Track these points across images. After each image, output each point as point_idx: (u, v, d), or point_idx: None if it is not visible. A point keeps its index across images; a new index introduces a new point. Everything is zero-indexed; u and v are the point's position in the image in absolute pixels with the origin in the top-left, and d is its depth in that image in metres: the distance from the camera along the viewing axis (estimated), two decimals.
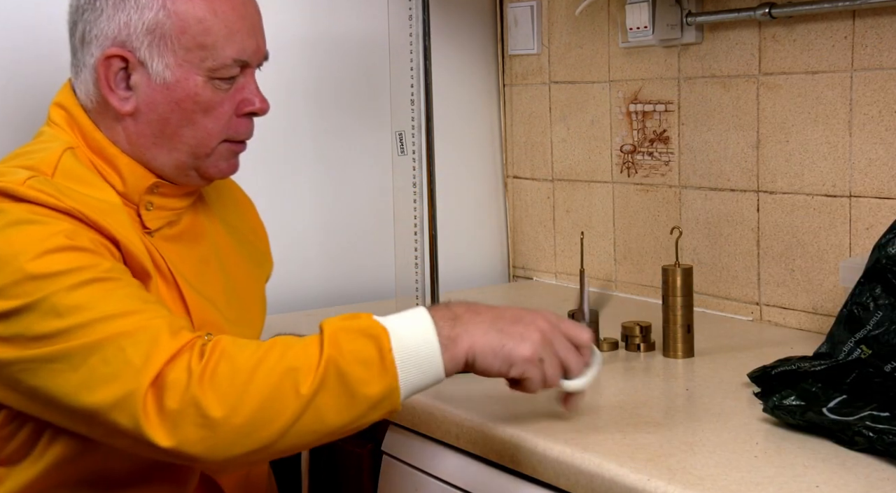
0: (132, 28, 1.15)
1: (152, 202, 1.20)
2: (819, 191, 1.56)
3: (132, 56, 1.15)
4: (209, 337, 1.02)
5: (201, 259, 1.25)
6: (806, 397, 1.14)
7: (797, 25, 1.56)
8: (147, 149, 1.19)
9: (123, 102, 1.17)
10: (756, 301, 1.67)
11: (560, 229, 2.01)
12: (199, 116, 1.18)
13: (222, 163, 1.23)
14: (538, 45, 1.99)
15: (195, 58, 1.16)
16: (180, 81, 1.17)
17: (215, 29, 1.17)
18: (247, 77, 1.22)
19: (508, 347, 1.04)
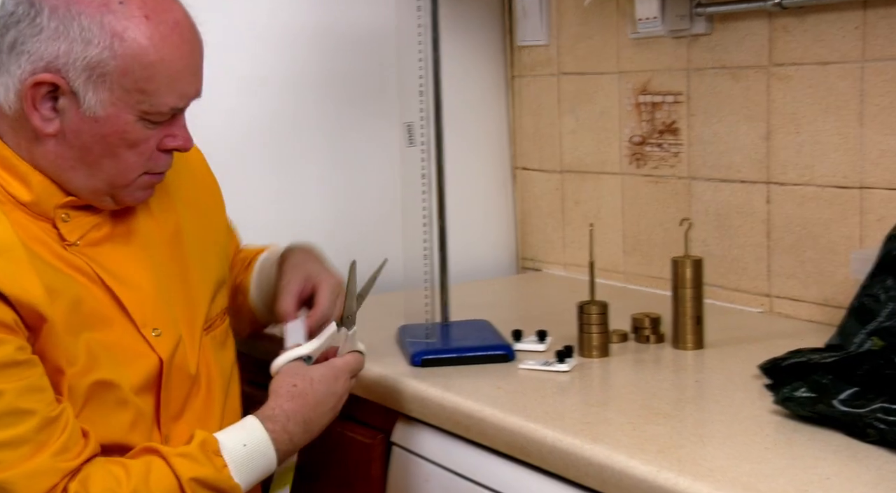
0: (72, 58, 1.10)
1: (68, 214, 1.17)
2: (830, 182, 1.56)
3: (65, 84, 1.11)
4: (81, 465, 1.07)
5: (137, 255, 1.22)
6: (817, 388, 1.13)
7: (808, 16, 1.55)
8: (64, 171, 1.15)
9: (46, 124, 1.13)
10: (766, 293, 1.66)
11: (569, 221, 2.01)
12: (122, 150, 1.15)
13: (138, 192, 1.20)
14: (547, 36, 1.99)
15: (132, 100, 1.13)
16: (111, 118, 1.13)
17: (159, 77, 1.13)
18: (179, 115, 1.20)
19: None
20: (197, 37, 1.17)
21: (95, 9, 1.10)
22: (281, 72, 1.89)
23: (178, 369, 1.23)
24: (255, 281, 1.45)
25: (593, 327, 1.41)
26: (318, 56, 1.90)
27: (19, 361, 1.05)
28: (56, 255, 1.15)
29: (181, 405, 1.24)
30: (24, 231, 1.13)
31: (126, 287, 1.19)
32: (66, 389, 1.11)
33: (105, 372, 1.14)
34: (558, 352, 1.37)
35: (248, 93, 1.86)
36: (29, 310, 1.07)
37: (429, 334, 1.47)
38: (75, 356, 1.12)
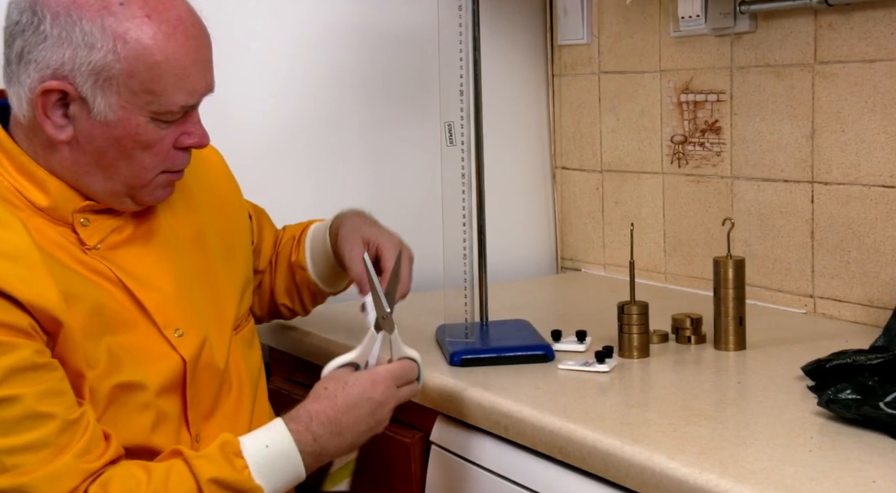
0: (77, 64, 1.09)
1: (87, 219, 1.17)
2: (876, 181, 1.53)
3: (73, 90, 1.10)
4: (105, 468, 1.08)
5: (159, 256, 1.22)
6: (862, 390, 1.12)
7: (854, 13, 1.53)
8: (80, 176, 1.15)
9: (59, 131, 1.12)
10: (810, 294, 1.64)
11: (609, 221, 1.99)
12: (137, 151, 1.15)
13: (158, 191, 1.20)
14: (588, 35, 1.98)
15: (141, 101, 1.12)
16: (122, 121, 1.12)
17: (165, 76, 1.12)
18: (190, 112, 1.18)
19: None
20: (202, 32, 1.16)
21: (96, 12, 1.10)
22: (321, 71, 1.90)
23: (206, 369, 1.23)
24: (309, 255, 1.46)
25: (633, 327, 1.40)
26: (359, 56, 1.91)
27: (39, 364, 1.06)
28: (76, 259, 1.15)
29: (211, 405, 1.24)
30: (43, 236, 1.13)
31: (147, 289, 1.19)
32: (88, 392, 1.11)
33: (127, 374, 1.14)
34: (598, 352, 1.36)
35: (288, 92, 1.87)
36: (44, 315, 1.07)
37: (468, 333, 1.47)
38: (96, 360, 1.12)
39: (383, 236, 1.38)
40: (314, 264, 1.46)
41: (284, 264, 1.49)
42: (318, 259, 1.46)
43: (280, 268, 1.50)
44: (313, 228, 1.49)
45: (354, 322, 1.64)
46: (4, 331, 1.04)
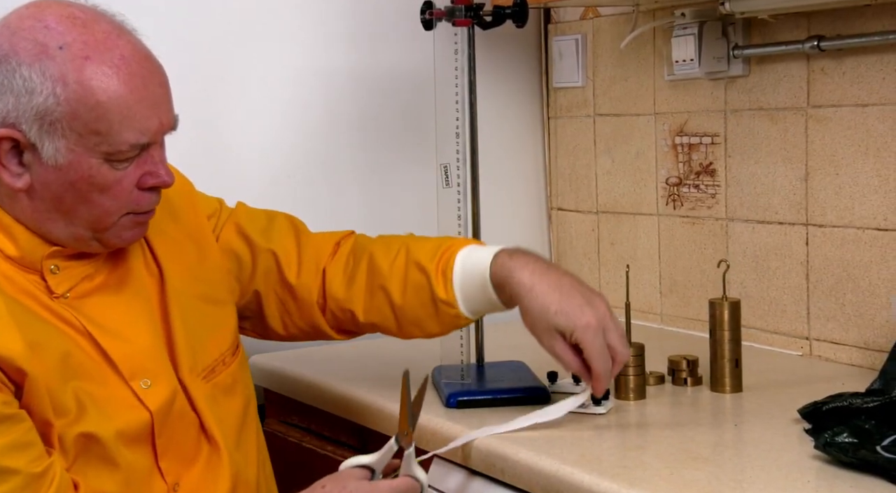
0: (21, 110, 1.09)
1: (57, 266, 1.15)
2: (870, 225, 1.54)
3: (22, 137, 1.09)
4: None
5: (130, 304, 1.20)
6: (859, 434, 1.11)
7: (846, 58, 1.55)
8: (42, 223, 1.14)
9: (15, 179, 1.11)
10: (806, 336, 1.64)
11: (605, 262, 2.00)
12: (94, 194, 1.13)
13: (125, 233, 1.18)
14: (583, 78, 2.00)
15: (89, 143, 1.10)
16: (73, 164, 1.11)
17: (110, 115, 1.10)
18: (150, 151, 1.15)
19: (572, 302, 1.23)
20: (151, 69, 1.14)
21: (34, 57, 1.09)
22: (317, 113, 1.91)
23: (181, 417, 1.20)
24: (461, 295, 1.30)
25: (630, 369, 1.40)
26: (355, 98, 1.92)
27: (5, 415, 1.04)
28: (44, 306, 1.13)
29: (192, 452, 1.21)
30: (12, 283, 1.12)
31: (114, 339, 1.17)
32: (56, 440, 1.09)
33: (92, 425, 1.12)
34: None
35: (284, 134, 1.89)
36: (8, 365, 1.05)
37: (464, 375, 1.46)
38: (63, 408, 1.10)
39: (576, 317, 1.23)
40: (467, 301, 1.31)
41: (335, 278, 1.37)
42: (474, 302, 1.31)
43: (374, 291, 1.36)
44: (462, 270, 1.31)
45: (348, 364, 1.64)
46: None
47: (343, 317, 1.38)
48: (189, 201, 1.34)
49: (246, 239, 1.37)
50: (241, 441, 1.29)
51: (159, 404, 1.18)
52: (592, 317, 1.24)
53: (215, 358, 1.28)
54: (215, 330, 1.30)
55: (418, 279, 1.32)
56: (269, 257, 1.38)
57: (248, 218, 1.39)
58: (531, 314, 1.25)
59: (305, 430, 1.63)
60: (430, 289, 1.31)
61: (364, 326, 1.38)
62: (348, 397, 1.51)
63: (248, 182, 1.83)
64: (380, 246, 1.39)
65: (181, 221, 1.31)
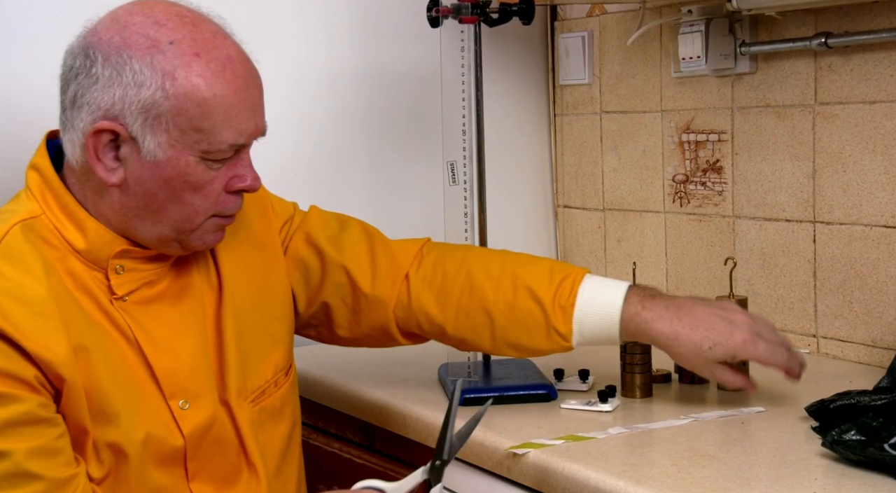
0: (127, 103, 1.09)
1: (123, 266, 1.15)
2: (878, 222, 1.54)
3: (124, 130, 1.10)
4: None
5: (185, 319, 1.19)
6: (866, 431, 1.11)
7: (854, 55, 1.54)
8: (129, 220, 1.14)
9: (110, 174, 1.12)
10: (813, 333, 1.64)
11: (611, 259, 2.00)
12: (187, 193, 1.13)
13: (208, 236, 1.18)
14: (589, 76, 1.99)
15: (190, 140, 1.11)
16: (171, 160, 1.11)
17: (214, 114, 1.11)
18: (241, 154, 1.16)
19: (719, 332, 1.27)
20: (252, 72, 1.16)
21: (145, 51, 1.10)
22: (323, 111, 1.91)
23: (218, 442, 1.18)
24: (578, 333, 1.30)
25: (636, 366, 1.40)
26: (361, 96, 1.92)
27: (39, 418, 1.04)
28: (101, 308, 1.13)
29: (229, 476, 1.20)
30: (73, 279, 1.12)
31: (162, 353, 1.16)
32: (91, 448, 1.09)
33: (120, 436, 1.11)
34: (601, 392, 1.36)
35: (290, 131, 1.89)
36: (49, 369, 1.05)
37: (471, 372, 1.46)
38: (102, 414, 1.10)
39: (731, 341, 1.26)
40: (583, 337, 1.31)
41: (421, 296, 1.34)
42: (590, 338, 1.31)
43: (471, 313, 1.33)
44: (586, 309, 1.30)
45: (355, 360, 1.64)
46: (7, 382, 1.03)
47: (429, 330, 1.36)
48: (261, 210, 1.32)
49: (316, 249, 1.35)
50: (283, 467, 1.27)
51: (193, 427, 1.16)
52: (743, 333, 1.27)
53: (268, 379, 1.26)
54: (273, 349, 1.28)
55: (530, 308, 1.31)
56: (339, 270, 1.34)
57: (320, 225, 1.37)
58: (689, 360, 1.29)
59: (312, 427, 1.63)
60: (545, 320, 1.30)
61: (452, 341, 1.37)
62: (355, 394, 1.51)
63: None
64: (477, 263, 1.35)
65: (252, 229, 1.30)
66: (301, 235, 1.35)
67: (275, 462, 1.25)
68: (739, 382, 1.31)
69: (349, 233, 1.38)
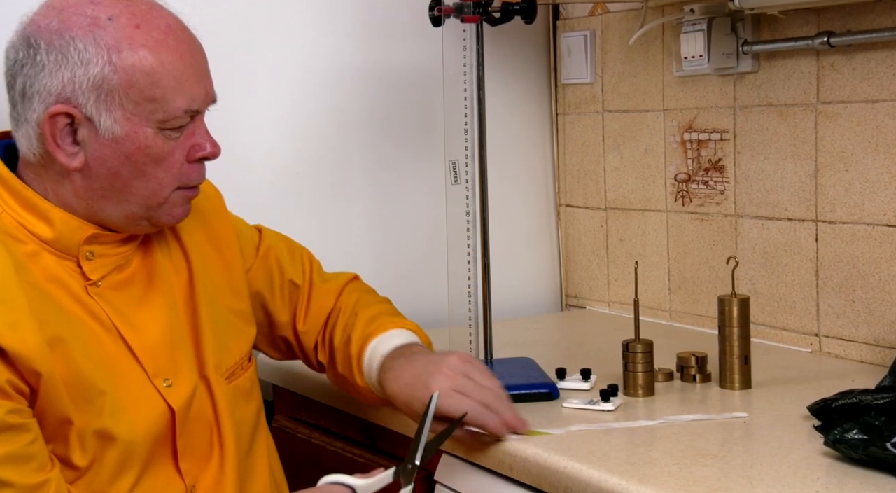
0: (77, 84, 1.10)
1: (93, 252, 1.16)
2: (880, 221, 1.54)
3: (78, 112, 1.11)
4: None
5: (156, 300, 1.20)
6: (869, 430, 1.11)
7: (856, 54, 1.54)
8: (95, 202, 1.15)
9: (70, 158, 1.12)
10: (815, 332, 1.64)
11: (613, 258, 2.00)
12: (150, 167, 1.14)
13: (176, 209, 1.19)
14: (592, 75, 1.99)
15: (144, 111, 1.12)
16: (129, 135, 1.12)
17: (164, 81, 1.12)
18: (196, 122, 1.17)
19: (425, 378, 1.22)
20: (193, 39, 1.17)
21: (87, 29, 1.10)
22: (326, 110, 1.91)
23: (197, 418, 1.20)
24: (367, 373, 1.35)
25: (638, 365, 1.40)
26: (364, 94, 1.92)
27: (9, 425, 1.04)
28: (74, 297, 1.14)
29: (205, 454, 1.21)
30: (44, 271, 1.12)
31: (140, 335, 1.17)
32: (76, 439, 1.10)
33: (110, 423, 1.12)
34: (603, 391, 1.36)
35: (292, 131, 1.89)
36: (24, 364, 1.05)
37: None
38: (85, 403, 1.10)
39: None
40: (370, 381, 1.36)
41: (327, 311, 1.42)
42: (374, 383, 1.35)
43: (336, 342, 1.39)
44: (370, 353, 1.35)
45: None
46: None
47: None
48: (218, 208, 1.35)
49: (280, 269, 1.40)
50: (254, 449, 1.28)
51: (181, 403, 1.18)
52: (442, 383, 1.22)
53: (237, 360, 1.29)
54: (238, 335, 1.31)
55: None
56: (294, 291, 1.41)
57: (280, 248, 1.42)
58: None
59: (314, 426, 1.63)
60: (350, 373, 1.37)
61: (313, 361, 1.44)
62: None
63: (256, 179, 1.84)
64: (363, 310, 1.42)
65: (212, 224, 1.32)
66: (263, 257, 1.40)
67: (246, 443, 1.27)
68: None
69: (296, 262, 1.44)
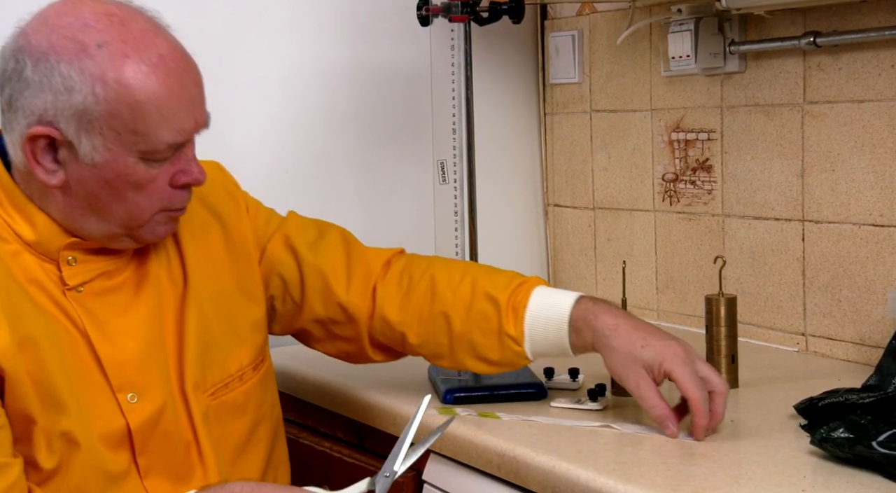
0: (59, 109, 1.08)
1: (75, 258, 1.14)
2: (866, 220, 1.54)
3: (59, 135, 1.09)
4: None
5: (141, 311, 1.18)
6: (855, 429, 1.11)
7: (842, 54, 1.55)
8: (76, 219, 1.14)
9: (50, 176, 1.11)
10: (802, 332, 1.65)
11: (601, 258, 2.00)
12: (129, 193, 1.12)
13: (159, 228, 1.17)
14: (579, 74, 2.00)
15: (126, 141, 1.10)
16: (109, 162, 1.10)
17: (148, 115, 1.09)
18: (185, 149, 1.15)
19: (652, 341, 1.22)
20: (187, 68, 1.13)
21: (73, 55, 1.08)
22: (314, 110, 1.91)
23: (167, 435, 1.17)
24: (529, 340, 1.28)
25: None
26: (352, 94, 1.92)
27: None
28: (51, 299, 1.13)
29: (181, 471, 1.18)
30: (25, 272, 1.12)
31: (112, 346, 1.15)
32: (42, 438, 1.09)
33: (73, 426, 1.11)
34: (591, 390, 1.36)
35: (280, 130, 1.88)
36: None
37: (460, 372, 1.46)
38: (53, 404, 1.09)
39: (664, 352, 1.22)
40: (534, 342, 1.29)
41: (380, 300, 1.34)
42: (541, 343, 1.29)
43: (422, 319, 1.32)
44: (537, 310, 1.28)
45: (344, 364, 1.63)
46: None
47: (392, 338, 1.34)
48: (235, 210, 1.31)
49: (293, 253, 1.34)
50: (241, 462, 1.25)
51: (142, 421, 1.15)
52: (680, 348, 1.23)
53: (231, 374, 1.25)
54: (238, 345, 1.26)
55: (485, 309, 1.29)
56: (316, 274, 1.33)
57: (298, 230, 1.36)
58: (618, 352, 1.23)
59: (302, 426, 1.63)
60: (498, 321, 1.29)
61: (413, 348, 1.34)
62: (345, 393, 1.51)
63: (243, 178, 1.82)
64: (441, 270, 1.34)
65: (225, 227, 1.29)
66: (279, 239, 1.34)
67: (230, 456, 1.23)
68: (658, 409, 1.21)
69: (327, 239, 1.37)
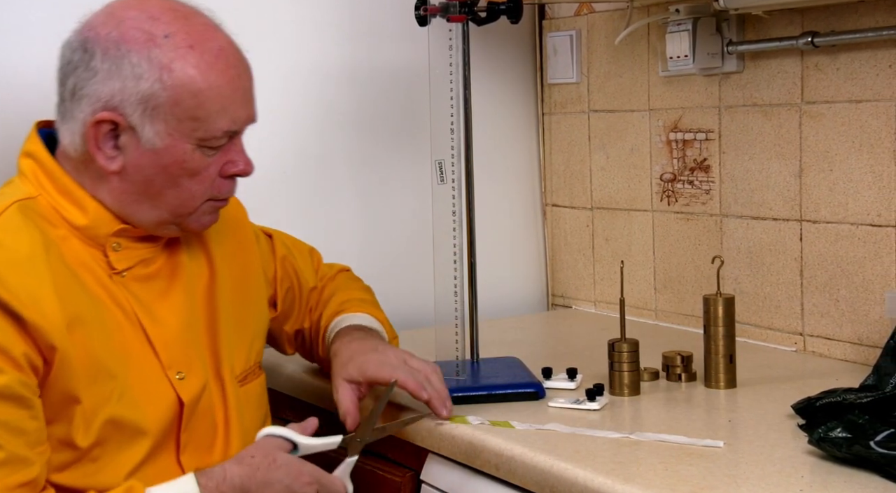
0: (126, 94, 1.14)
1: (120, 243, 1.20)
2: (864, 220, 1.54)
3: (123, 120, 1.15)
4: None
5: (177, 295, 1.24)
6: (852, 429, 1.12)
7: (840, 54, 1.55)
8: (128, 205, 1.19)
9: (110, 161, 1.17)
10: (799, 332, 1.65)
11: (599, 258, 2.00)
12: (184, 179, 1.19)
13: (204, 218, 1.24)
14: (578, 74, 2.00)
15: (186, 128, 1.16)
16: (169, 148, 1.17)
17: (209, 103, 1.16)
18: (235, 140, 1.22)
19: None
20: (243, 62, 1.21)
21: (142, 45, 1.15)
22: (311, 109, 1.91)
23: (203, 416, 1.23)
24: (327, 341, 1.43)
25: (624, 364, 1.40)
26: (350, 94, 1.92)
27: (15, 394, 1.07)
28: (100, 283, 1.18)
29: (205, 452, 1.23)
30: (75, 256, 1.16)
31: (159, 327, 1.21)
32: (81, 418, 1.12)
33: (122, 409, 1.15)
34: (588, 390, 1.36)
35: (279, 130, 1.88)
36: (41, 337, 1.08)
37: (459, 371, 1.46)
38: (99, 385, 1.13)
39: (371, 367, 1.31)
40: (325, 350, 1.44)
41: (317, 302, 1.50)
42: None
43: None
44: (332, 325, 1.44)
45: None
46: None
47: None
48: (241, 222, 1.40)
49: (296, 274, 1.47)
50: None
51: (191, 397, 1.21)
52: (393, 357, 1.30)
53: (250, 366, 1.33)
54: (252, 342, 1.34)
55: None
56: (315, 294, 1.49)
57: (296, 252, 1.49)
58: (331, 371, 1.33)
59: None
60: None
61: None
62: None
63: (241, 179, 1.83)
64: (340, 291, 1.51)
65: (236, 235, 1.37)
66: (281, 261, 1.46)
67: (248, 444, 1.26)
68: (344, 405, 1.27)
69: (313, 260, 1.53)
